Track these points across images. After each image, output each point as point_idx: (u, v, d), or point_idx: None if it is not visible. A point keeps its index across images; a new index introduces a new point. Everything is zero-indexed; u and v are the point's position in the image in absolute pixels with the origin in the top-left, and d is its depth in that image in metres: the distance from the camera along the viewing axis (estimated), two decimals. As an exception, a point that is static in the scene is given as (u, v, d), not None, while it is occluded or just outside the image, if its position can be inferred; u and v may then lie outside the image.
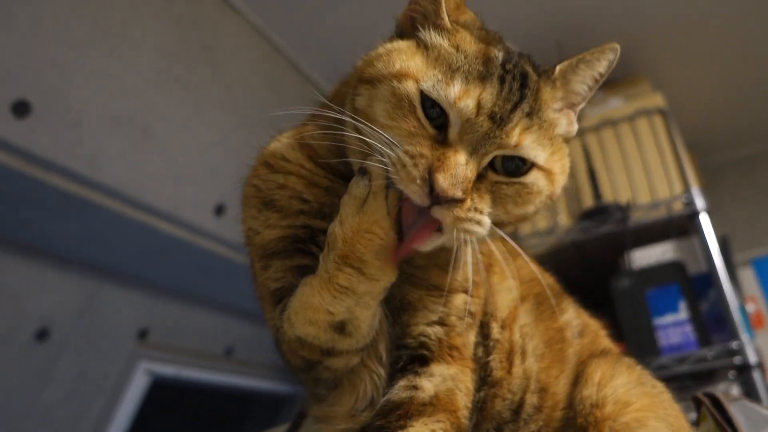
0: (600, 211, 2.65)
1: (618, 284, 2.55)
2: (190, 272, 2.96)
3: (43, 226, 2.28)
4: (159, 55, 2.57)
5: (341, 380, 0.89)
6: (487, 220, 0.79)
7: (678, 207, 2.58)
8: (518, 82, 0.81)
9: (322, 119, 0.90)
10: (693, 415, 1.15)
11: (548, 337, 1.04)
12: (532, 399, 0.98)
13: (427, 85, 0.80)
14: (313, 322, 0.81)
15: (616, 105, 2.98)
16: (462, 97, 0.78)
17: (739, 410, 1.09)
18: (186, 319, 3.15)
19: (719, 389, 2.36)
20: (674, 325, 2.45)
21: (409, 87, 0.81)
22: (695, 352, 2.34)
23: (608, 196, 2.74)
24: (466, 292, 0.93)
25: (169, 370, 3.11)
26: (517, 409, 0.97)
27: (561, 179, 0.87)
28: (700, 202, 2.53)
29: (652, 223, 2.61)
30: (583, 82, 0.89)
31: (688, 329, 2.43)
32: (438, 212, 0.75)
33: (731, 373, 2.44)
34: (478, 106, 0.78)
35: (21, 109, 2.02)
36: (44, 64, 2.11)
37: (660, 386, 1.01)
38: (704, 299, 2.54)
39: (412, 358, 0.89)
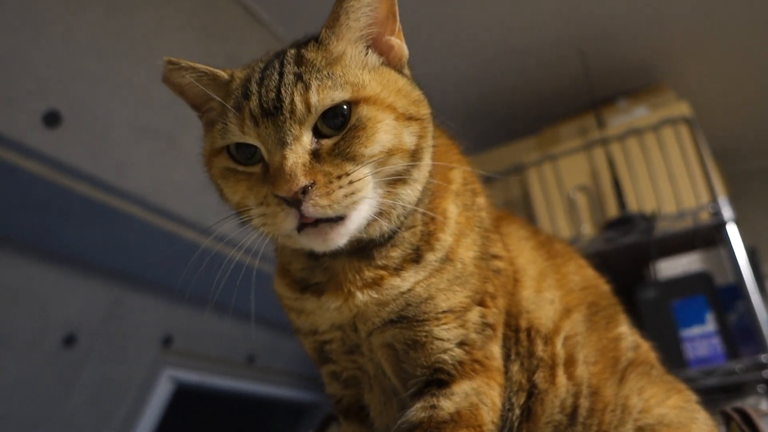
0: (625, 221, 2.62)
1: (643, 295, 2.52)
2: (213, 279, 2.97)
3: (70, 233, 2.31)
4: (185, 66, 2.60)
5: None
6: (359, 174, 0.77)
7: (704, 217, 2.54)
8: (277, 69, 0.82)
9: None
10: (722, 430, 1.13)
11: (602, 346, 1.02)
12: (585, 403, 0.96)
13: (220, 142, 0.84)
14: None
15: (641, 114, 2.95)
16: (241, 122, 0.80)
17: (770, 426, 1.06)
18: (209, 326, 3.17)
19: (748, 403, 2.30)
20: (701, 337, 2.41)
21: (222, 156, 0.86)
22: (723, 365, 2.29)
23: (633, 206, 2.70)
24: (480, 304, 0.91)
25: (192, 376, 3.13)
26: (572, 413, 0.96)
27: (391, 97, 0.83)
28: (727, 212, 2.49)
29: (677, 233, 2.57)
30: (356, 18, 0.85)
31: (716, 341, 2.38)
32: (308, 210, 0.75)
33: (760, 387, 2.39)
34: (252, 116, 0.79)
35: (52, 119, 2.07)
36: (74, 76, 2.16)
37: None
38: (732, 311, 2.49)
39: (427, 383, 0.88)
